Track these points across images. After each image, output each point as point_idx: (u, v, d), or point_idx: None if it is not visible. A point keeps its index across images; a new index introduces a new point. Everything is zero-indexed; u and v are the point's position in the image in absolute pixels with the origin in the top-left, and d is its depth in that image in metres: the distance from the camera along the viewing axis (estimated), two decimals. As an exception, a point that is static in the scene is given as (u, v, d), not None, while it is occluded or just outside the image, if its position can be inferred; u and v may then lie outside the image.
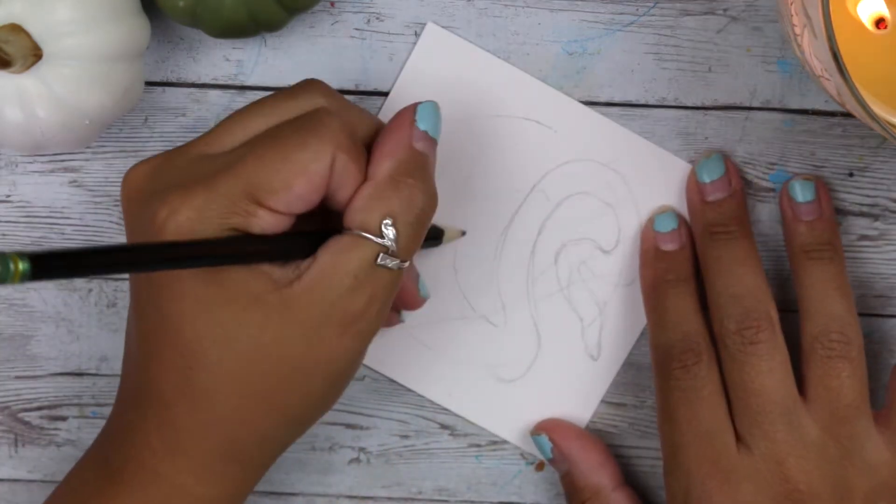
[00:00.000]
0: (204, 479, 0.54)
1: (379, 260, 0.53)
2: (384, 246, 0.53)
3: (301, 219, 0.54)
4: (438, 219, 0.61)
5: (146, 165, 0.55)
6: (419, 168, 0.54)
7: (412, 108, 0.55)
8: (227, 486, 0.55)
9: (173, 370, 0.53)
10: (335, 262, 0.52)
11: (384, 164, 0.54)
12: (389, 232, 0.53)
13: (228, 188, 0.52)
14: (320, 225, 0.55)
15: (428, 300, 0.60)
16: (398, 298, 0.59)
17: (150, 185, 0.54)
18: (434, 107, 0.56)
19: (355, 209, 0.53)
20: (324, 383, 0.54)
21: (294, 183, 0.52)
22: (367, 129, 0.56)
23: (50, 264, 0.43)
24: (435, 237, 0.61)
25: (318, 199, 0.53)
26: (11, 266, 0.41)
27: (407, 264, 0.54)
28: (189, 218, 0.51)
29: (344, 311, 0.53)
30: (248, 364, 0.52)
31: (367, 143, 0.55)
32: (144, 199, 0.53)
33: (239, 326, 0.52)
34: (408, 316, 0.62)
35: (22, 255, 0.41)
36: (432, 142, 0.55)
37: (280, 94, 0.55)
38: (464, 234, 0.62)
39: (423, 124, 0.55)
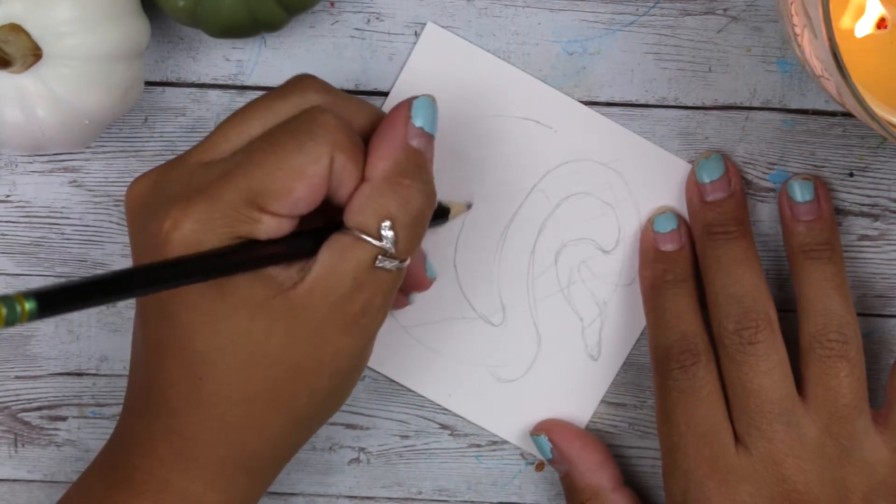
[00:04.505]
0: (213, 487, 0.54)
1: (378, 262, 0.53)
2: (382, 248, 0.52)
3: (307, 216, 0.53)
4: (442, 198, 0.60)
5: (146, 178, 0.54)
6: (415, 167, 0.54)
7: (407, 104, 0.54)
8: (237, 492, 0.54)
9: (182, 380, 0.53)
10: (334, 263, 0.52)
11: (380, 165, 0.53)
12: (388, 234, 0.52)
13: (230, 196, 0.51)
14: (328, 220, 0.54)
15: (433, 287, 0.60)
16: (406, 281, 0.58)
17: (151, 198, 0.53)
18: (429, 101, 0.55)
19: (353, 211, 0.53)
20: (330, 381, 0.54)
21: (294, 187, 0.51)
22: (364, 121, 0.55)
23: (56, 300, 0.42)
24: (441, 215, 0.60)
25: (319, 200, 0.53)
26: (18, 308, 0.40)
27: (407, 263, 0.54)
28: (193, 230, 0.51)
29: (345, 312, 0.52)
30: (256, 370, 0.52)
31: (366, 136, 0.54)
32: (147, 212, 0.53)
33: (245, 335, 0.52)
34: (414, 299, 0.61)
35: (27, 296, 0.40)
36: (429, 138, 0.54)
37: (273, 93, 0.54)
38: (470, 206, 0.61)
39: (418, 120, 0.54)
